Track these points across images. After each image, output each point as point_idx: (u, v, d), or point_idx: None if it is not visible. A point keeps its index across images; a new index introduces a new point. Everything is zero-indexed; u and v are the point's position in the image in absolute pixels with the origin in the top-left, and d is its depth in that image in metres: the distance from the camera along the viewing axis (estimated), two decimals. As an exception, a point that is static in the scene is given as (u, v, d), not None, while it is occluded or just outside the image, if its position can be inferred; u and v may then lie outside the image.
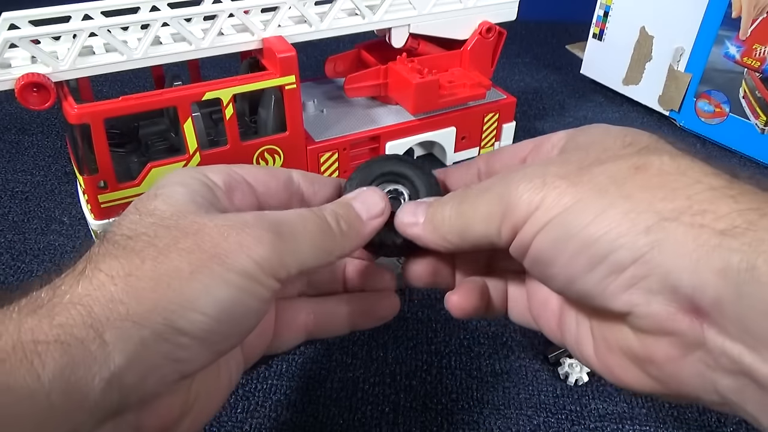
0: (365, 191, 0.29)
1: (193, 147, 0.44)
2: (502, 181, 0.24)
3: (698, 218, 0.19)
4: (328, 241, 0.26)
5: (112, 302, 0.21)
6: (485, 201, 0.25)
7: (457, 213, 0.26)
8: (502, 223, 0.23)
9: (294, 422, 0.35)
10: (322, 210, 0.27)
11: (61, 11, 0.42)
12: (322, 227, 0.26)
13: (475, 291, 0.29)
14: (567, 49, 0.87)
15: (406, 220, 0.28)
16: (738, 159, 0.62)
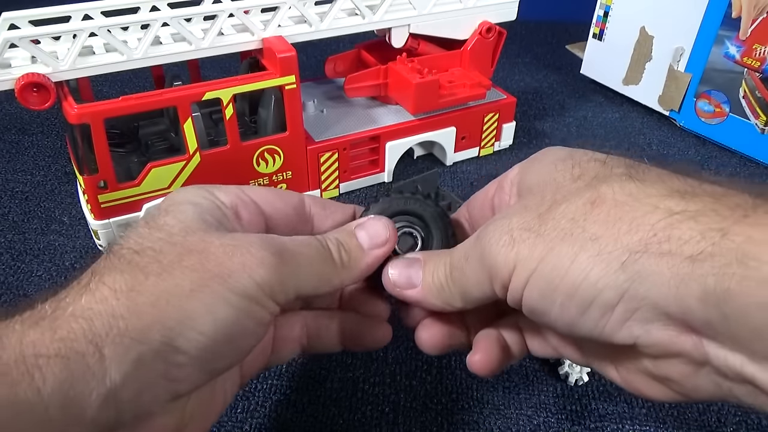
0: (371, 219, 0.29)
1: (193, 147, 0.44)
2: (477, 245, 0.24)
3: (665, 245, 0.19)
4: (328, 269, 0.26)
5: (113, 317, 0.21)
6: (470, 269, 0.25)
7: (451, 281, 0.26)
8: (493, 284, 0.24)
9: (294, 422, 0.35)
10: (326, 238, 0.27)
11: (61, 11, 0.42)
12: (323, 255, 0.26)
13: (494, 346, 0.28)
14: (567, 49, 0.87)
15: (399, 282, 0.27)
16: (738, 159, 0.62)
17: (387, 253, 0.28)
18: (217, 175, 0.47)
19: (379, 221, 0.28)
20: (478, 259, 0.24)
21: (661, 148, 0.64)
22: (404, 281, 0.27)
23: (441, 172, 0.58)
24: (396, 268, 0.28)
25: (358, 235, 0.28)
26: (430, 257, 0.28)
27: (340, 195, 0.55)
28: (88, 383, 0.19)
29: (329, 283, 0.27)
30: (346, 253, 0.27)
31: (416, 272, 0.27)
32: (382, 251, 0.28)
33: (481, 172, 0.59)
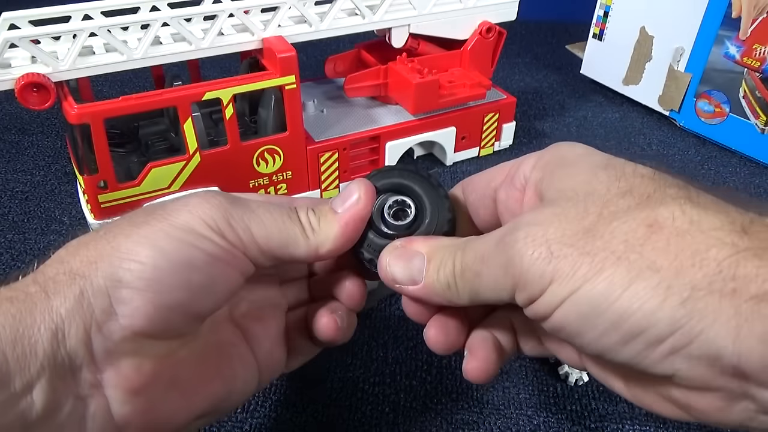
0: (348, 185, 0.27)
1: (193, 147, 0.44)
2: (502, 250, 0.22)
3: (730, 284, 0.18)
4: (290, 227, 0.26)
5: (60, 263, 0.23)
6: (489, 273, 0.23)
7: (461, 280, 0.24)
8: (515, 292, 0.22)
9: (294, 422, 0.35)
10: (297, 205, 0.27)
11: (61, 11, 0.42)
12: (286, 213, 0.26)
13: (491, 351, 0.27)
14: (567, 49, 0.87)
15: (400, 278, 0.26)
16: (738, 159, 0.62)
17: (362, 214, 0.26)
18: (217, 175, 0.47)
19: (351, 184, 0.27)
20: (502, 265, 0.22)
21: (661, 148, 0.64)
22: (405, 277, 0.25)
23: (441, 172, 0.58)
24: (396, 261, 0.26)
25: (333, 201, 0.27)
26: (434, 251, 0.25)
27: (340, 195, 0.55)
28: (35, 318, 0.21)
29: (297, 243, 0.26)
30: (315, 216, 0.26)
31: (419, 267, 0.25)
32: (355, 211, 0.26)
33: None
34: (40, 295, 0.21)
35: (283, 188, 0.51)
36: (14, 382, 0.20)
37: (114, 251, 0.22)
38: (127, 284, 0.22)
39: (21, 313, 0.21)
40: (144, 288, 0.22)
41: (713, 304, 0.18)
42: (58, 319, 0.21)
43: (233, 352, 0.27)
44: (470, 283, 0.24)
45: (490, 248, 0.23)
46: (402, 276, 0.26)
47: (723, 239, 0.19)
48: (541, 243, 0.21)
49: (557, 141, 0.66)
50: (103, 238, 0.23)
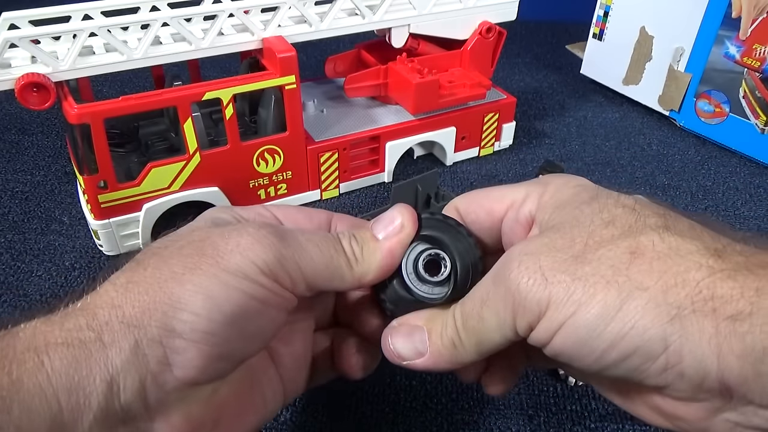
0: (391, 209, 0.27)
1: (193, 147, 0.44)
2: (499, 284, 0.23)
3: (709, 304, 0.20)
4: (338, 259, 0.25)
5: (113, 307, 0.22)
6: (490, 311, 0.23)
7: (465, 333, 0.24)
8: (516, 323, 0.23)
9: (294, 422, 0.35)
10: (338, 232, 0.27)
11: (61, 11, 0.42)
12: (332, 244, 0.26)
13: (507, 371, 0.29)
14: (567, 49, 0.87)
15: (405, 354, 0.26)
16: (738, 159, 0.62)
17: (405, 243, 0.26)
18: (217, 175, 0.47)
19: (392, 211, 0.27)
20: (501, 298, 0.23)
21: (661, 148, 0.64)
22: (411, 352, 0.26)
23: (441, 172, 0.58)
24: (398, 339, 0.26)
25: (374, 226, 0.27)
26: (432, 319, 0.26)
27: (340, 195, 0.55)
28: (92, 368, 0.20)
29: (342, 275, 0.25)
30: (358, 245, 0.26)
31: (421, 339, 0.26)
32: (398, 239, 0.26)
33: (481, 172, 0.59)
34: (96, 344, 0.21)
35: (283, 188, 0.51)
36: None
37: (167, 299, 0.22)
38: (180, 335, 0.21)
39: (77, 362, 0.20)
40: (198, 340, 0.22)
41: (697, 324, 0.20)
42: (114, 371, 0.21)
43: (263, 378, 0.27)
44: (474, 331, 0.24)
45: (488, 287, 0.24)
46: (408, 353, 0.26)
47: (700, 262, 0.20)
48: (535, 270, 0.22)
49: (557, 141, 0.66)
50: (156, 282, 0.22)
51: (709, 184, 0.58)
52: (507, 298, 0.22)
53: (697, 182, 0.58)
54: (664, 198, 0.56)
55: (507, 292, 0.22)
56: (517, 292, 0.22)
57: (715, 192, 0.57)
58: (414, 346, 0.26)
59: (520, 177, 0.58)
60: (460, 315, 0.25)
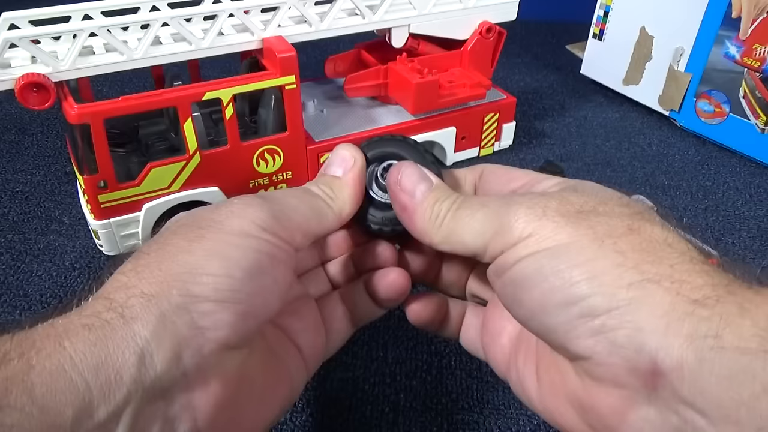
0: (334, 152, 0.30)
1: (193, 147, 0.44)
2: (503, 200, 0.25)
3: (676, 285, 0.20)
4: (316, 203, 0.28)
5: (127, 288, 0.22)
6: (482, 215, 0.25)
7: (452, 217, 0.26)
8: (492, 239, 0.24)
9: (294, 422, 0.35)
10: (305, 185, 0.29)
11: (61, 11, 0.42)
12: (306, 192, 0.28)
13: (434, 303, 0.31)
14: (567, 49, 0.87)
15: (404, 184, 0.27)
16: (738, 159, 0.62)
17: (361, 170, 0.29)
18: (217, 175, 0.47)
19: (341, 149, 0.29)
20: (496, 212, 0.24)
21: (661, 148, 0.64)
22: (408, 185, 0.27)
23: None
24: (409, 170, 0.28)
25: (330, 170, 0.29)
26: (441, 185, 0.27)
27: (340, 195, 0.55)
28: (118, 344, 0.20)
29: (326, 214, 0.28)
30: (326, 186, 0.28)
31: (424, 186, 0.27)
32: (355, 169, 0.29)
33: (481, 172, 0.59)
34: (118, 321, 0.21)
35: (283, 188, 0.51)
36: (98, 412, 0.19)
37: (182, 268, 0.22)
38: (206, 298, 0.22)
39: (101, 340, 0.20)
40: (225, 299, 0.22)
41: (655, 297, 0.20)
42: (143, 343, 0.20)
43: (282, 352, 0.28)
44: (460, 222, 0.25)
45: (493, 200, 0.25)
46: (407, 184, 0.27)
47: (684, 254, 0.21)
48: (540, 207, 0.23)
49: (557, 141, 0.66)
50: (165, 258, 0.23)
51: (709, 184, 0.58)
52: (501, 215, 0.24)
53: (697, 182, 0.58)
54: (664, 198, 0.56)
55: (505, 209, 0.24)
56: (513, 213, 0.23)
57: (715, 192, 0.57)
58: (414, 187, 0.27)
59: (520, 177, 0.58)
60: (458, 201, 0.26)
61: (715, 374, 0.18)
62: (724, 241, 0.50)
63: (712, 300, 0.19)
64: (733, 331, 0.18)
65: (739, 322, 0.19)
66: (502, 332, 0.29)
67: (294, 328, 0.29)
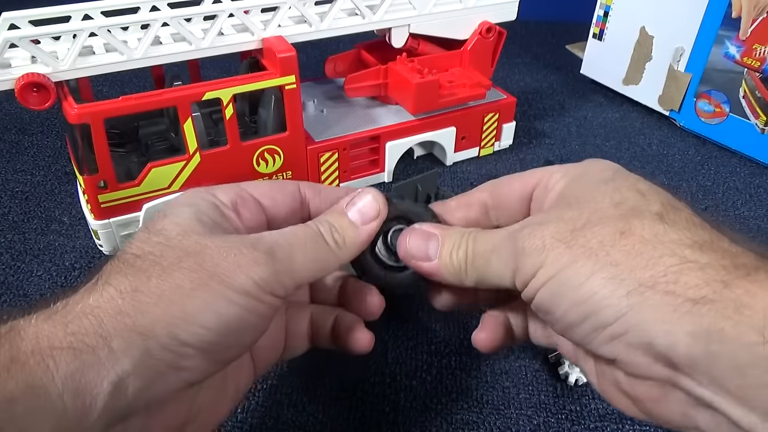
0: (359, 193, 0.30)
1: (193, 147, 0.44)
2: (511, 243, 0.26)
3: (671, 286, 0.22)
4: (323, 253, 0.28)
5: (120, 314, 0.22)
6: (497, 261, 0.27)
7: (472, 266, 0.28)
8: (515, 279, 0.26)
9: (294, 422, 0.35)
10: (317, 223, 0.29)
11: (61, 11, 0.42)
12: (316, 241, 0.28)
13: (499, 327, 0.32)
14: (567, 49, 0.87)
15: (415, 253, 0.29)
16: (738, 159, 0.62)
17: (379, 225, 0.30)
18: (217, 175, 0.47)
19: (367, 194, 0.30)
20: (509, 256, 0.26)
21: (661, 148, 0.64)
22: (420, 253, 0.29)
23: (441, 172, 0.58)
24: (413, 239, 0.29)
25: (349, 213, 0.29)
26: (447, 234, 0.29)
27: (340, 195, 0.55)
28: (99, 372, 0.21)
29: (327, 265, 0.28)
30: (339, 234, 0.28)
31: (433, 246, 0.29)
32: (376, 223, 0.29)
33: (481, 172, 0.59)
34: (105, 350, 0.21)
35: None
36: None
37: (179, 312, 0.23)
38: (191, 345, 0.23)
39: (85, 366, 0.21)
40: (205, 349, 0.23)
41: (653, 300, 0.22)
42: (123, 374, 0.21)
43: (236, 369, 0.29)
44: (479, 270, 0.28)
45: (504, 240, 0.27)
46: (419, 252, 0.29)
47: (675, 251, 0.23)
48: (539, 238, 0.25)
49: (557, 141, 0.66)
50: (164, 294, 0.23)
51: (709, 184, 0.58)
52: (512, 256, 0.26)
53: (697, 182, 0.58)
54: (664, 198, 0.56)
55: (515, 250, 0.26)
56: (522, 252, 0.25)
57: (715, 192, 0.57)
58: (425, 250, 0.29)
59: (520, 177, 0.58)
60: (471, 249, 0.28)
61: (722, 364, 0.20)
62: (724, 241, 0.50)
63: (708, 297, 0.21)
64: (733, 325, 0.20)
65: (737, 317, 0.20)
66: None
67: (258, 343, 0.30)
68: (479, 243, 0.28)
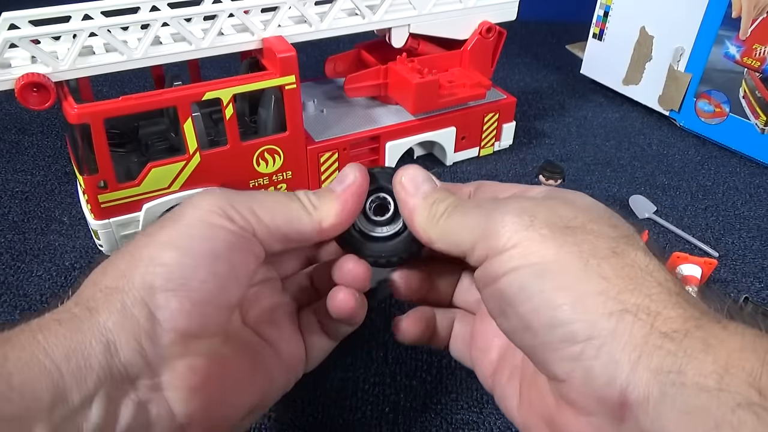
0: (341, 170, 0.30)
1: (193, 147, 0.44)
2: (495, 203, 0.25)
3: (651, 318, 0.20)
4: (295, 210, 0.27)
5: (94, 284, 0.24)
6: (474, 214, 0.25)
7: (448, 215, 0.26)
8: (479, 240, 0.24)
9: (294, 422, 0.35)
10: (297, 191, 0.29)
11: (61, 11, 0.42)
12: (287, 195, 0.28)
13: (422, 320, 0.31)
14: (567, 49, 0.87)
15: (408, 183, 0.28)
16: (738, 159, 0.62)
17: (360, 191, 0.28)
18: (217, 175, 0.47)
19: (346, 167, 0.29)
20: (487, 215, 0.24)
21: (661, 148, 0.64)
22: (411, 186, 0.28)
23: (441, 172, 0.58)
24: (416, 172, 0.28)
25: (330, 185, 0.29)
26: (442, 188, 0.28)
27: (340, 195, 0.55)
28: (85, 334, 0.22)
29: (301, 220, 0.27)
30: (315, 196, 0.28)
31: (426, 187, 0.28)
32: (354, 188, 0.28)
33: (481, 172, 0.59)
34: (85, 314, 0.22)
35: (283, 188, 0.51)
36: (72, 397, 0.21)
37: (139, 261, 0.24)
38: (159, 288, 0.23)
39: (70, 332, 0.21)
40: (175, 288, 0.23)
41: (630, 328, 0.20)
42: (108, 334, 0.22)
43: (264, 354, 0.29)
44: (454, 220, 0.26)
45: (487, 201, 0.26)
46: (410, 184, 0.28)
47: (662, 284, 0.22)
48: (527, 214, 0.23)
49: (557, 141, 0.66)
50: (127, 253, 0.24)
51: (709, 184, 0.58)
52: (490, 220, 0.24)
53: (697, 182, 0.58)
54: (664, 198, 0.56)
55: (494, 212, 0.24)
56: (501, 219, 0.24)
57: (715, 192, 0.57)
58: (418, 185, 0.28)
59: (520, 177, 0.58)
60: (455, 201, 0.27)
61: (675, 409, 0.19)
62: (724, 241, 0.50)
63: (680, 334, 0.20)
64: (695, 367, 0.19)
65: (701, 358, 0.19)
66: (491, 347, 0.29)
67: (270, 336, 0.29)
68: (463, 203, 0.27)
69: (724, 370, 0.19)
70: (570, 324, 0.21)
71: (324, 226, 0.28)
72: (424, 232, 0.27)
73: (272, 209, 0.27)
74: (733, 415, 0.18)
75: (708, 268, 0.42)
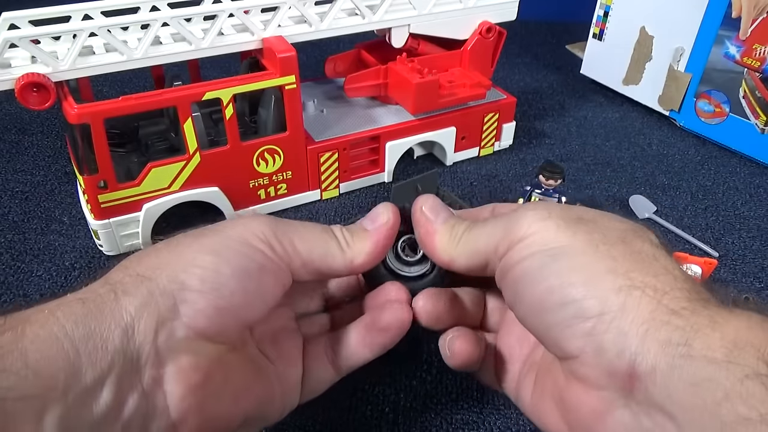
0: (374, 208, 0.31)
1: (193, 147, 0.45)
2: (511, 212, 0.27)
3: (659, 295, 0.22)
4: (330, 245, 0.28)
5: (124, 268, 0.25)
6: (493, 223, 0.27)
7: (467, 234, 0.28)
8: (501, 240, 0.26)
9: (294, 422, 0.35)
10: (332, 226, 0.30)
11: (61, 11, 0.42)
12: (324, 229, 0.29)
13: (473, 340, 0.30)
14: (567, 49, 0.87)
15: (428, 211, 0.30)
16: (738, 159, 0.62)
17: (391, 233, 0.29)
18: (217, 175, 0.47)
19: (379, 205, 0.30)
20: (507, 219, 0.27)
21: (661, 148, 0.64)
22: (431, 214, 0.29)
23: (441, 172, 0.58)
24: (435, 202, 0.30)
25: (362, 222, 0.30)
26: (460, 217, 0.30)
27: (340, 195, 0.55)
28: (106, 316, 0.22)
29: (333, 254, 0.28)
30: (349, 233, 0.29)
31: (444, 214, 0.30)
32: (385, 229, 0.29)
33: (481, 172, 0.59)
34: (110, 295, 0.23)
35: (283, 188, 0.51)
36: (86, 376, 0.21)
37: (178, 258, 0.25)
38: (190, 287, 0.24)
39: (92, 312, 0.22)
40: (207, 291, 0.24)
41: (639, 304, 0.22)
42: (128, 317, 0.23)
43: (265, 367, 0.29)
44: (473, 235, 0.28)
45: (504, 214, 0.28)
46: (431, 213, 0.30)
47: (670, 271, 0.23)
48: (544, 210, 0.26)
49: (557, 141, 0.66)
50: (165, 249, 0.25)
51: (709, 184, 0.58)
52: (509, 219, 0.26)
53: (697, 182, 0.58)
54: (664, 198, 0.56)
55: (514, 215, 0.26)
56: (520, 217, 0.26)
57: (715, 192, 0.57)
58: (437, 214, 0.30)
59: (520, 177, 0.58)
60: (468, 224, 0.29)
61: (683, 380, 0.20)
62: (724, 241, 0.50)
63: (687, 311, 0.21)
64: (703, 341, 0.20)
65: (709, 333, 0.20)
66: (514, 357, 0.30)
67: (271, 356, 0.29)
68: (480, 222, 0.28)
69: (733, 344, 0.19)
70: (582, 300, 0.22)
71: (355, 264, 0.29)
72: (445, 252, 0.29)
73: (311, 244, 0.28)
74: (742, 385, 0.18)
75: (708, 268, 0.42)
